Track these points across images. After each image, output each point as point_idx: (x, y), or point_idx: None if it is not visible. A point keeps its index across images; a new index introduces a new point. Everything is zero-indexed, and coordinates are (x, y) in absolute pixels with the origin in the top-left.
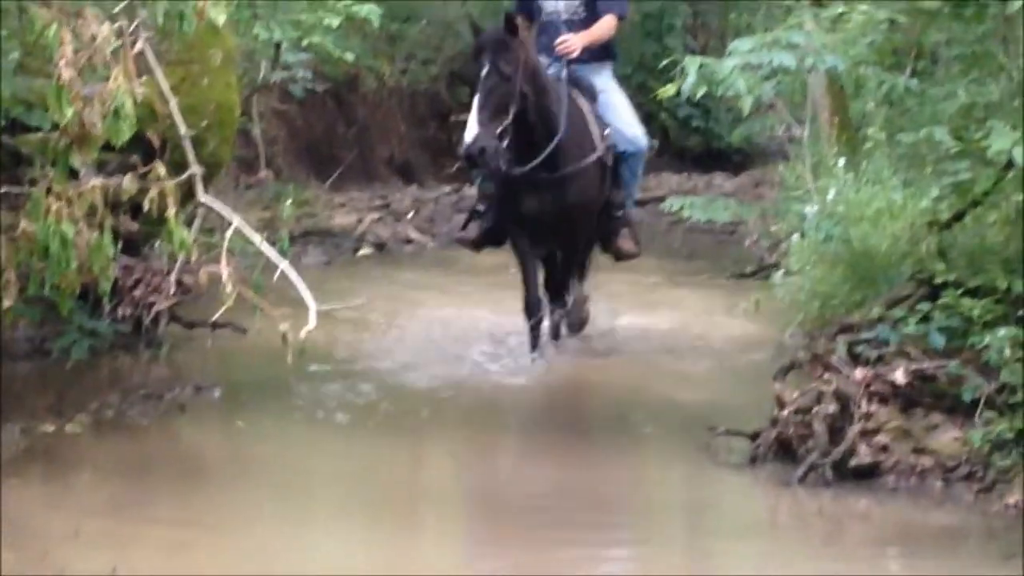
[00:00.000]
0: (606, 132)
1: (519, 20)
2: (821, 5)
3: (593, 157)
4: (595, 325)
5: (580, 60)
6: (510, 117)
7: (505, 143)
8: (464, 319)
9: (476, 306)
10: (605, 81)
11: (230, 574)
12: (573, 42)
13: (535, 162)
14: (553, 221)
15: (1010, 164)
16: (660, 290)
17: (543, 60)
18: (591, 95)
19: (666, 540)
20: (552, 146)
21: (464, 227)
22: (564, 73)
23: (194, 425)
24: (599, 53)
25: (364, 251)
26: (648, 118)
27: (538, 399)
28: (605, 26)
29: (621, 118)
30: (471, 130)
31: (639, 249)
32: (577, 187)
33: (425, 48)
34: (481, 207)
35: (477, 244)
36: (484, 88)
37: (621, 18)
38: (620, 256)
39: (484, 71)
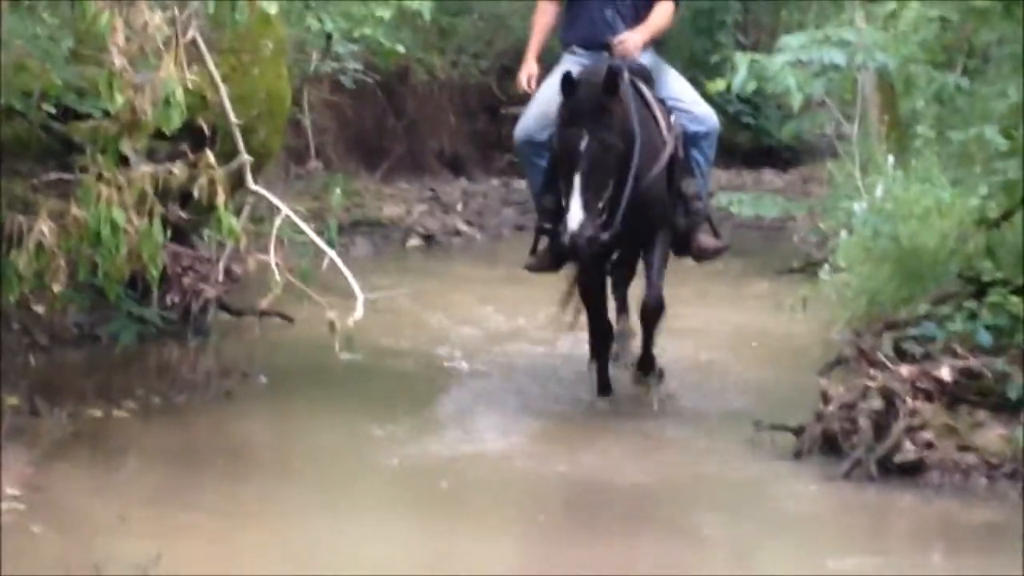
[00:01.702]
0: (672, 119)
1: (620, 73)
2: (872, 2)
3: (666, 156)
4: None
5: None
6: (611, 187)
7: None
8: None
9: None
10: (657, 63)
11: (273, 564)
12: (634, 40)
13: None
14: (628, 236)
15: None
16: (706, 285)
17: (578, 43)
18: (647, 78)
19: (709, 534)
20: (634, 167)
21: (533, 251)
22: (621, 62)
23: (240, 413)
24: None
25: (412, 242)
26: None
27: (582, 388)
28: (663, 15)
29: (685, 97)
30: (575, 215)
31: (723, 243)
32: (653, 195)
33: (476, 42)
34: (548, 225)
35: (554, 266)
36: (586, 164)
37: (677, 4)
38: (703, 255)
39: (584, 143)
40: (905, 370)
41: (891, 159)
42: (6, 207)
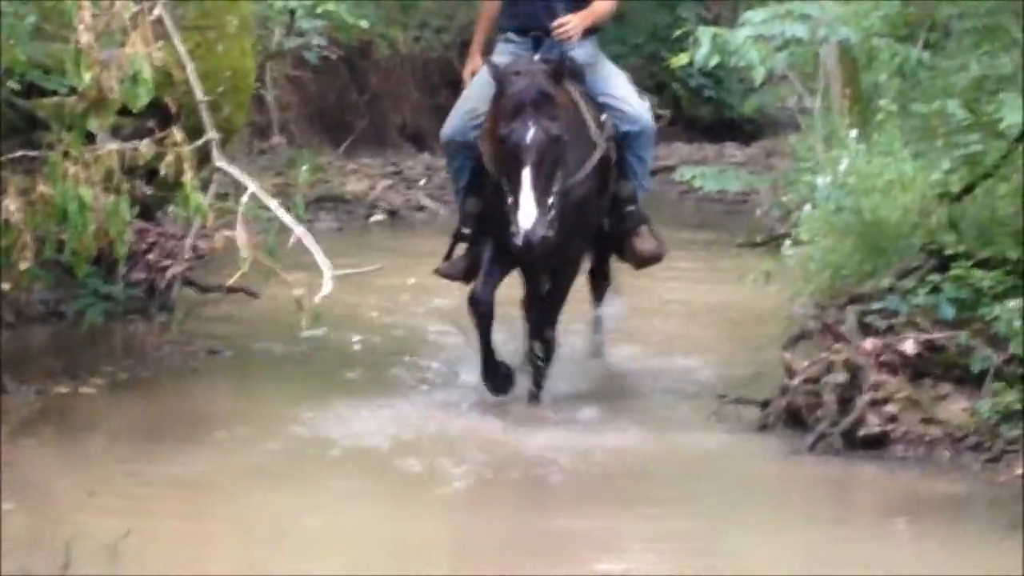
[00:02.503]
0: (603, 117)
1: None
2: None
3: (595, 159)
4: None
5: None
6: (560, 182)
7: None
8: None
9: None
10: (590, 54)
11: (240, 538)
12: (575, 24)
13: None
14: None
15: (1021, 136)
16: (669, 259)
17: (511, 32)
18: (578, 75)
19: (674, 505)
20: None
21: (448, 256)
22: (547, 56)
23: (206, 388)
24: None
25: (376, 217)
26: (660, 88)
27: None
28: (608, 6)
29: (617, 94)
30: (528, 213)
31: (663, 249)
32: (576, 200)
33: (438, 16)
34: (466, 230)
35: (467, 276)
36: (535, 158)
37: None
38: (641, 261)
39: (530, 136)
40: (869, 344)
41: (853, 133)
42: None
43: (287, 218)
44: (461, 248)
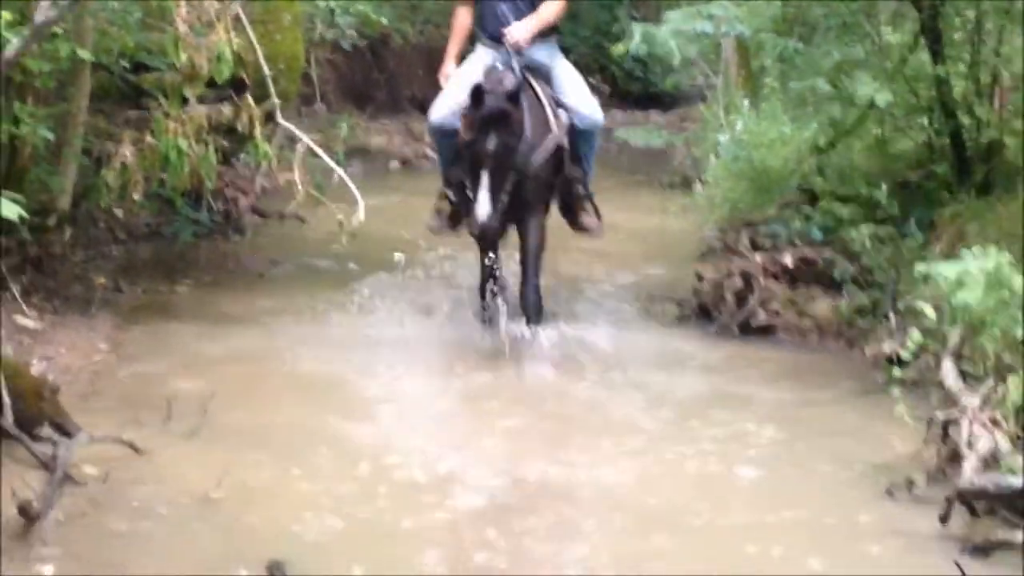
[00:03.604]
0: (560, 113)
1: (524, 88)
2: None
3: (551, 144)
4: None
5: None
6: (513, 178)
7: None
8: None
9: None
10: (554, 57)
11: (295, 390)
12: (519, 33)
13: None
14: (513, 207)
15: (870, 105)
16: (606, 196)
17: (485, 37)
18: (545, 76)
19: (614, 373)
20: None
21: (436, 215)
22: (515, 62)
23: (269, 289)
24: (546, 31)
25: (393, 165)
26: (603, 69)
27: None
28: (554, 9)
29: (575, 95)
30: (483, 208)
31: (600, 226)
32: (539, 178)
33: (438, 15)
34: (450, 194)
35: (453, 229)
36: (492, 163)
37: None
38: (583, 231)
39: (492, 146)
40: (759, 257)
41: (746, 103)
42: (94, 137)
43: (331, 162)
44: (445, 207)
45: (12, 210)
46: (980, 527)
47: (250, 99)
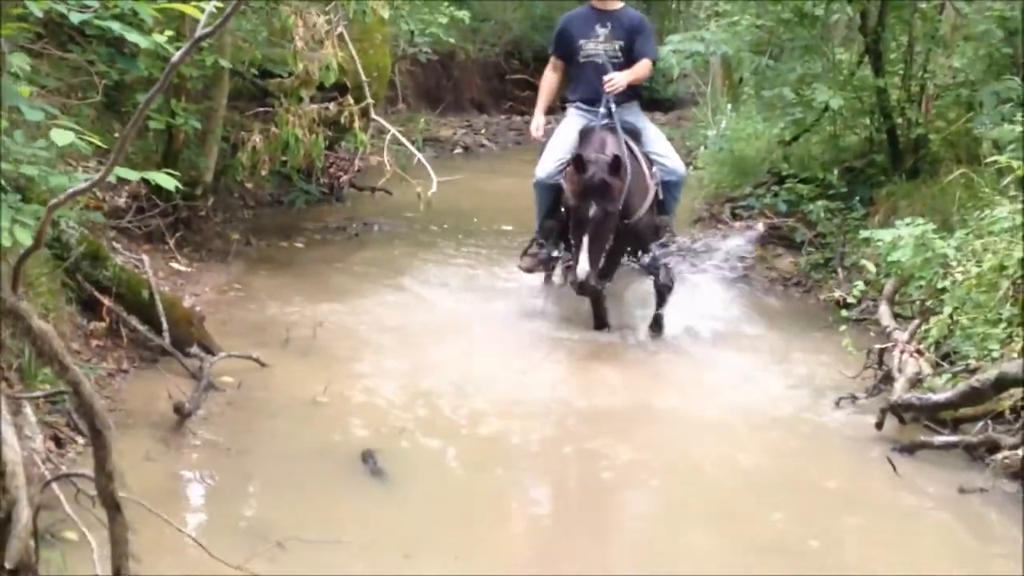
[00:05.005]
0: (654, 170)
1: (622, 159)
2: (719, 16)
3: (650, 198)
4: None
5: (617, 99)
6: (612, 240)
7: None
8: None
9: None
10: (639, 117)
11: (385, 322)
12: (619, 80)
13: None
14: (617, 253)
15: (825, 109)
16: None
17: (579, 101)
18: (636, 136)
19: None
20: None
21: (524, 253)
22: (619, 124)
23: (362, 245)
24: (633, 93)
25: (457, 151)
26: None
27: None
28: (644, 68)
29: (661, 151)
30: (583, 268)
31: (673, 285)
32: (642, 226)
33: (492, 36)
34: (543, 241)
35: (543, 269)
36: (593, 227)
37: (654, 62)
38: (660, 290)
39: (592, 212)
40: (737, 224)
41: (728, 106)
42: (231, 128)
43: (411, 148)
44: (537, 251)
45: (169, 183)
46: (907, 432)
47: (350, 99)
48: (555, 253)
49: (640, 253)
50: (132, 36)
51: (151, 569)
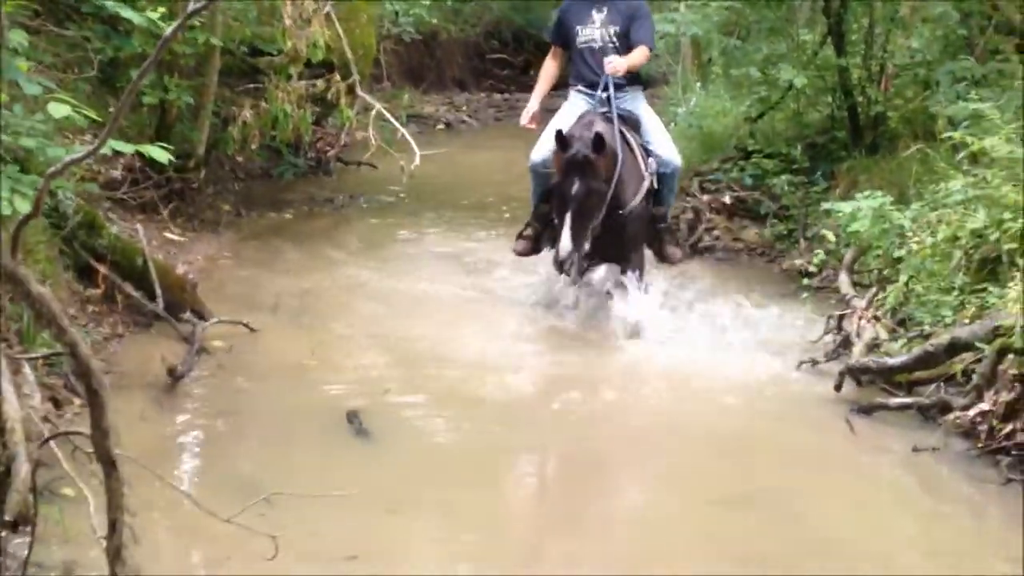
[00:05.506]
0: (650, 160)
1: (605, 136)
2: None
3: (644, 189)
4: None
5: (619, 84)
6: (599, 219)
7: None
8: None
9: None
10: (640, 106)
11: (369, 288)
12: (619, 63)
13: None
14: (610, 244)
15: (789, 88)
16: None
17: (580, 85)
18: (635, 125)
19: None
20: (611, 189)
21: (519, 236)
22: (610, 108)
23: (348, 217)
24: (634, 79)
25: (439, 127)
26: None
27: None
28: (641, 55)
29: (658, 142)
30: (565, 245)
31: (684, 254)
32: (633, 217)
33: (473, 17)
34: (537, 224)
35: (536, 252)
36: (576, 203)
37: (651, 50)
38: (669, 262)
39: (575, 188)
40: (705, 197)
41: (698, 85)
42: (222, 103)
43: (395, 123)
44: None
45: (162, 156)
46: (864, 394)
47: (337, 76)
48: (550, 240)
49: (624, 265)
50: (126, 13)
51: (146, 523)
